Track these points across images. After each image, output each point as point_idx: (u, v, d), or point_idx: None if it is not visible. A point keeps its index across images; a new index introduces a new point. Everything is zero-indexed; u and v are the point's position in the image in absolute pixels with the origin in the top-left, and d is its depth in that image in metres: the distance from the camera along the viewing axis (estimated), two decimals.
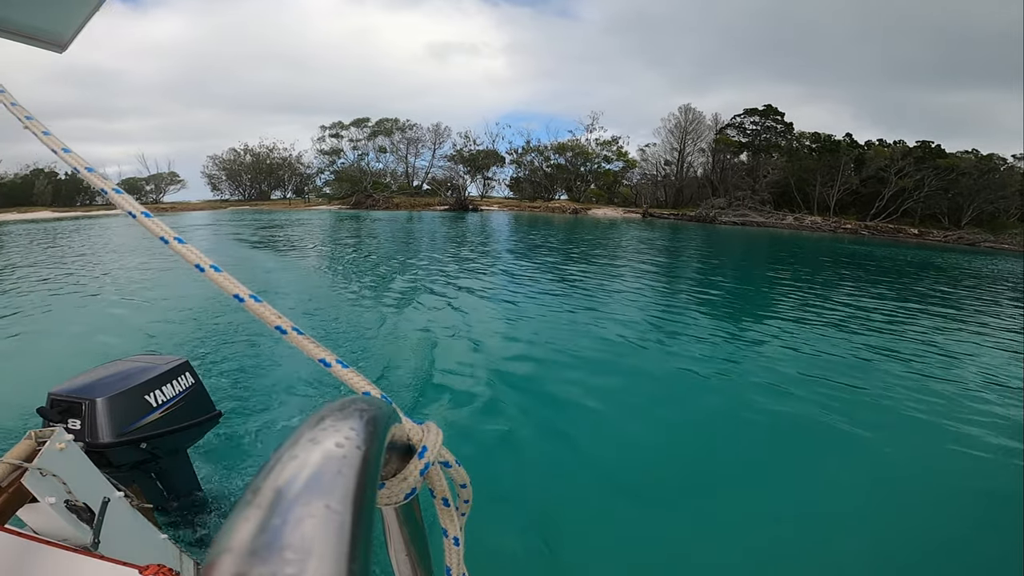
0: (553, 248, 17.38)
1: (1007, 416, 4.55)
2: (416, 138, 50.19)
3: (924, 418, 4.43)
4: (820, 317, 8.21)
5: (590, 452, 3.61)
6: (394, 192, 47.63)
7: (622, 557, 2.54)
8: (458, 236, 21.15)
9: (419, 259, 13.32)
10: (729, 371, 5.42)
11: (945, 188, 39.18)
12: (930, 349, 6.71)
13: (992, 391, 5.21)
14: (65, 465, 1.19)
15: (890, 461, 3.72)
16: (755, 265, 16.76)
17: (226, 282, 0.46)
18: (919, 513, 3.15)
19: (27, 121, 0.55)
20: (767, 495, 3.22)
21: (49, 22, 1.12)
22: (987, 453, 3.86)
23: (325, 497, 0.20)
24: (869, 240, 34.09)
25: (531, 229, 26.38)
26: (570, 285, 10.03)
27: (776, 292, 11.20)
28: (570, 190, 48.19)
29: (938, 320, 8.73)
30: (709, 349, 6.13)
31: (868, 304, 9.65)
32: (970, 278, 15.95)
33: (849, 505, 3.16)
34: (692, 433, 4.09)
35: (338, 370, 0.45)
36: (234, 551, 0.17)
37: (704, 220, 39.44)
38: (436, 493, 0.46)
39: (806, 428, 4.18)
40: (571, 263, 13.39)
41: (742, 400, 4.63)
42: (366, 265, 12.56)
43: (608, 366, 5.34)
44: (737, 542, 2.74)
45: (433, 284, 9.56)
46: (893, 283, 13.30)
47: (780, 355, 6.02)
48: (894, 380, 5.30)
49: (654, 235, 25.45)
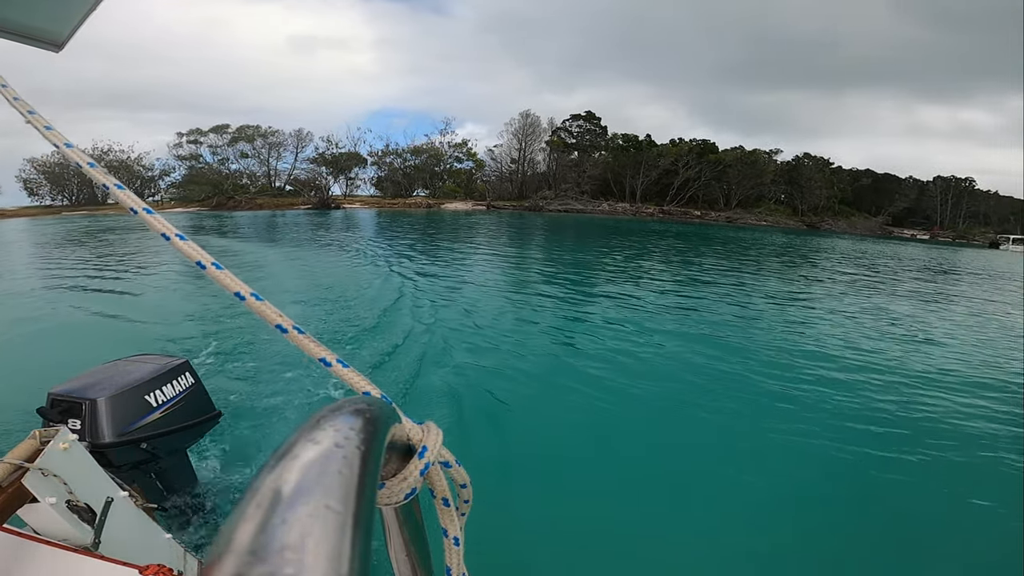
0: (385, 229, 24.27)
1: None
2: (278, 143, 51.07)
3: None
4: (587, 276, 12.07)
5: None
6: (255, 193, 48.01)
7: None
8: (314, 226, 25.38)
9: (280, 246, 16.80)
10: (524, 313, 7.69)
11: (717, 178, 51.86)
12: (687, 288, 10.65)
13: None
14: (68, 465, 1.19)
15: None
16: (557, 236, 24.09)
17: (227, 279, 0.46)
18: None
19: (30, 116, 0.55)
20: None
21: (46, 21, 1.12)
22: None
23: (325, 497, 0.20)
24: (665, 220, 45.18)
25: (380, 219, 31.12)
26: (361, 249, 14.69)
27: (568, 254, 16.50)
28: (428, 187, 53.20)
29: (694, 270, 13.72)
30: (501, 285, 9.65)
31: (646, 264, 14.51)
32: (730, 244, 24.19)
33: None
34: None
35: (338, 369, 0.45)
36: (234, 551, 0.17)
37: (535, 209, 48.33)
38: (436, 493, 0.46)
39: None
40: (384, 236, 19.47)
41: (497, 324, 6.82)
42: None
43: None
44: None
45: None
46: (673, 248, 20.69)
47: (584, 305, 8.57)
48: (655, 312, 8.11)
49: (489, 220, 32.60)
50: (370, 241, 17.82)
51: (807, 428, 4.03)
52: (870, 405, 4.59)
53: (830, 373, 5.37)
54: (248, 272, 10.42)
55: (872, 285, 13.08)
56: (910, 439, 3.97)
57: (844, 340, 6.84)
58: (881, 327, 7.92)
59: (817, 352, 6.15)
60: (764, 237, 31.52)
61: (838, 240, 36.19)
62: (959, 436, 4.09)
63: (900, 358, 6.15)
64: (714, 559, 2.60)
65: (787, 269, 15.66)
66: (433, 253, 14.80)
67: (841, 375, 5.33)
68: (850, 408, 4.49)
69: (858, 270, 16.68)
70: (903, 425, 4.24)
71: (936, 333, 7.78)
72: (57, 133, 0.53)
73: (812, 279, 13.65)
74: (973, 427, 4.27)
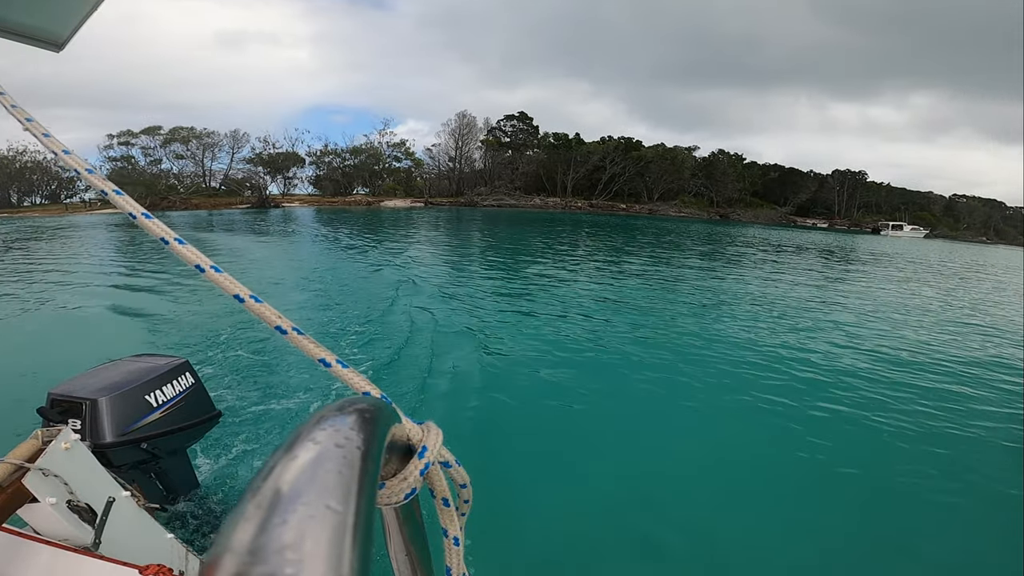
0: (326, 224, 25.31)
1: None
2: (213, 143, 50.47)
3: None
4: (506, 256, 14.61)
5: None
6: (190, 194, 47.68)
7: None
8: (253, 224, 26.53)
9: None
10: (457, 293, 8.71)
11: (640, 173, 56.45)
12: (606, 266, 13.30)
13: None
14: (70, 465, 1.19)
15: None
16: (490, 226, 26.94)
17: (226, 282, 0.46)
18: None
19: (27, 123, 0.55)
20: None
21: (46, 21, 1.12)
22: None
23: (325, 497, 0.20)
24: (593, 213, 49.34)
25: (321, 216, 32.40)
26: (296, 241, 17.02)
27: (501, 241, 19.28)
28: (368, 185, 54.44)
29: (612, 253, 16.52)
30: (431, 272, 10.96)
31: (564, 249, 16.94)
32: (648, 232, 27.78)
33: None
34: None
35: (338, 370, 0.45)
36: (234, 551, 0.17)
37: (471, 204, 50.72)
38: (436, 493, 0.46)
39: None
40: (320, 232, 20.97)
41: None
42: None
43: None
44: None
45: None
46: (594, 233, 25.06)
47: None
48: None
49: (426, 215, 35.23)
50: (310, 234, 19.93)
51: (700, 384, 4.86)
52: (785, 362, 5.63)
53: (704, 326, 7.01)
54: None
55: (761, 264, 16.14)
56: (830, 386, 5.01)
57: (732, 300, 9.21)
58: (749, 292, 10.25)
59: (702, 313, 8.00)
60: (680, 227, 35.84)
61: (745, 228, 40.83)
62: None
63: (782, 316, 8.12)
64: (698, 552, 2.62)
65: (688, 251, 18.95)
66: (375, 242, 16.90)
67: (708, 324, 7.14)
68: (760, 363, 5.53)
69: (752, 250, 21.01)
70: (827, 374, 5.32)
71: (796, 295, 10.21)
72: (55, 140, 0.53)
73: (712, 257, 17.20)
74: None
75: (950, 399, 4.82)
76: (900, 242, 41.78)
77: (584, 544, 2.66)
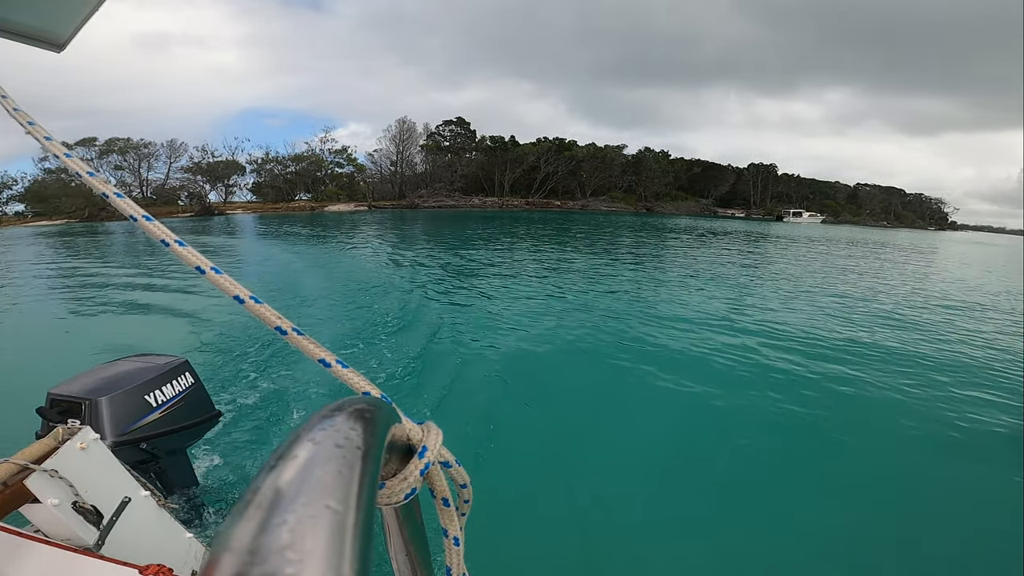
0: (274, 228, 26.55)
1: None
2: (150, 154, 50.42)
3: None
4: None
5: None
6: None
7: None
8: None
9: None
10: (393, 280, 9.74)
11: (572, 172, 60.75)
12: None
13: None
14: (83, 465, 1.18)
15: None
16: (433, 226, 28.11)
17: (227, 283, 0.46)
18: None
19: (29, 127, 0.56)
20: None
21: (48, 22, 1.12)
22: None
23: (325, 497, 0.20)
24: (530, 210, 52.36)
25: (268, 222, 32.87)
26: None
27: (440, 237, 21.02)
28: (310, 190, 55.23)
29: (547, 242, 18.94)
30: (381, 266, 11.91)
31: (502, 238, 19.37)
32: (582, 225, 30.88)
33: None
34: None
35: (338, 370, 0.45)
36: (234, 551, 0.17)
37: (412, 206, 52.91)
38: (436, 493, 0.46)
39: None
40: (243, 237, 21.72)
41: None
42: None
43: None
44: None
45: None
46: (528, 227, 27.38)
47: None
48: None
49: (369, 217, 36.54)
50: (260, 239, 20.76)
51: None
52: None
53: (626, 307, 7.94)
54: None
55: (685, 250, 18.22)
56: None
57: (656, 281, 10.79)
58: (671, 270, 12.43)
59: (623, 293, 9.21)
60: (610, 219, 39.39)
61: (671, 219, 44.74)
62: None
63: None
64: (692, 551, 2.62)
65: (616, 240, 21.47)
66: (322, 243, 17.90)
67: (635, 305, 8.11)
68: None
69: (676, 236, 24.56)
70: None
71: (708, 272, 12.24)
72: (56, 143, 0.53)
73: (639, 244, 19.72)
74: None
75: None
76: (800, 227, 48.05)
77: (584, 544, 2.66)
